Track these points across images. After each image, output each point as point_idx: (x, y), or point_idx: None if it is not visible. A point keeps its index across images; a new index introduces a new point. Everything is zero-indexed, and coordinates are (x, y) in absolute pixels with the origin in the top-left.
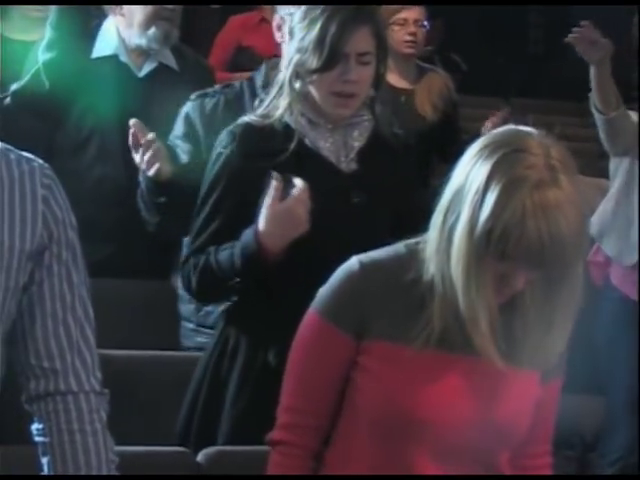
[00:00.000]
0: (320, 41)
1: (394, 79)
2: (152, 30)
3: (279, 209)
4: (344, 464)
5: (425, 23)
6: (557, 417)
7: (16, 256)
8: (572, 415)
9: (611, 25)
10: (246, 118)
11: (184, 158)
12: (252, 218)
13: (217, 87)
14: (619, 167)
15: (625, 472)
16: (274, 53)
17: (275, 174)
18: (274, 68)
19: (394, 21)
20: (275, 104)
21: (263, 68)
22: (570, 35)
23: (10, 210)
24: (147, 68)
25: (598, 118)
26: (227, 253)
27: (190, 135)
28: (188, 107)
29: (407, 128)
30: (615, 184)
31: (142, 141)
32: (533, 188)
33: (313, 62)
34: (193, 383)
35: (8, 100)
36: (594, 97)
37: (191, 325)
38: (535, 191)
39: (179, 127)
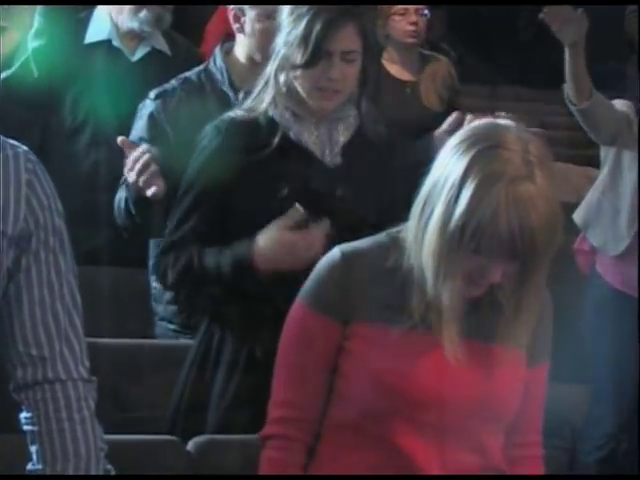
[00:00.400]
0: (305, 38)
1: (397, 70)
2: (143, 13)
3: (285, 238)
4: (336, 455)
5: (426, 12)
6: (547, 407)
7: None
8: (562, 404)
9: (603, 17)
10: (231, 113)
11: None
12: (233, 213)
13: (174, 83)
14: (607, 156)
15: (609, 458)
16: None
17: (298, 206)
18: (229, 52)
19: (395, 11)
20: (260, 97)
21: (218, 56)
22: (542, 12)
23: None
24: (140, 52)
25: (573, 110)
26: (213, 260)
27: (158, 137)
28: (150, 107)
29: (414, 120)
30: (602, 173)
31: (138, 160)
32: (508, 183)
33: (297, 58)
34: (179, 381)
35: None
36: (567, 85)
37: (173, 326)
38: (510, 186)
39: (143, 129)
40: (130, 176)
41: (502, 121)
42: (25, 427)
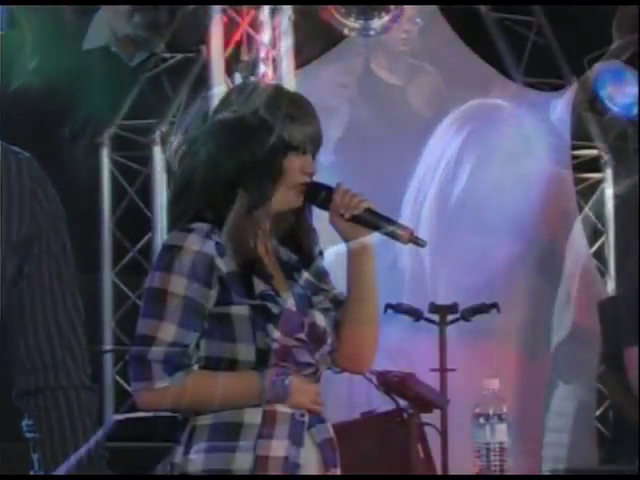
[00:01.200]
0: None
1: (386, 75)
2: (137, 17)
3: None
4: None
5: (418, 20)
6: (551, 407)
7: (2, 246)
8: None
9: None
10: (221, 115)
11: None
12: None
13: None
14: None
15: None
16: None
17: None
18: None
19: (389, 19)
20: (253, 98)
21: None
22: None
23: None
24: (139, 57)
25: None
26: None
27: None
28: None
29: (403, 124)
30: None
31: None
32: (507, 159)
33: None
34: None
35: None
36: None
37: None
38: (511, 162)
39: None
40: None
41: (493, 100)
42: (27, 434)
